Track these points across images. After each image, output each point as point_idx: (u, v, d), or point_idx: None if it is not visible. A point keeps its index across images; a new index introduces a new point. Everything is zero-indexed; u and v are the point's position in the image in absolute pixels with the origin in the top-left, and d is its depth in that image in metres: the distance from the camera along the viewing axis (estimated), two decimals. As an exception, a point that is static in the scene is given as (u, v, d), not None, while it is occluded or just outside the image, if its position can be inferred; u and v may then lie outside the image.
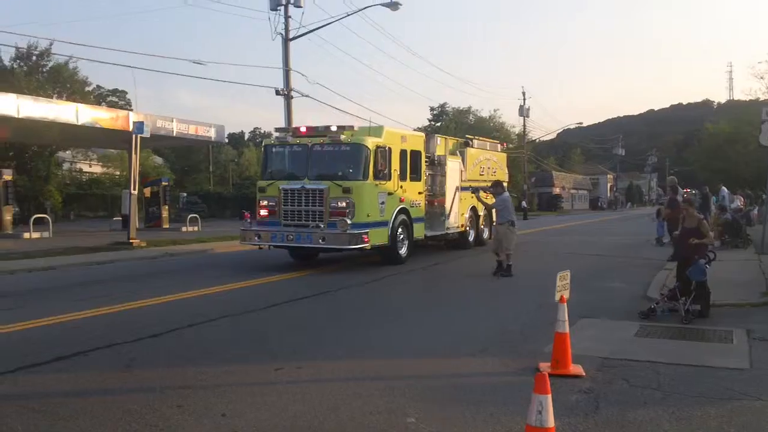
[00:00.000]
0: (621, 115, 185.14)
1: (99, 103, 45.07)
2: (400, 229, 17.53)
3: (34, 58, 42.87)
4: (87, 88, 47.57)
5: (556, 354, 7.18)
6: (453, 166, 21.12)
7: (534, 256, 21.72)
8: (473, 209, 22.36)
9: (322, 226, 16.04)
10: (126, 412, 5.99)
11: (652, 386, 6.82)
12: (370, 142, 16.49)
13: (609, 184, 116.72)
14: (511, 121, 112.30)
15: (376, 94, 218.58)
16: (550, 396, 4.38)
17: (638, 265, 17.87)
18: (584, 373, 7.10)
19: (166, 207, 35.74)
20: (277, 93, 29.32)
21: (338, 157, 16.79)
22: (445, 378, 7.31)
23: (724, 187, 27.87)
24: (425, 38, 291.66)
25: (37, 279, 15.46)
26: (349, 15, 30.45)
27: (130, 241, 22.87)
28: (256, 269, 16.49)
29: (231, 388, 6.75)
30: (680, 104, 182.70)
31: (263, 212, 17.12)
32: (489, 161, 24.47)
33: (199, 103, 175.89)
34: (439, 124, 74.59)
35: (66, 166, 49.80)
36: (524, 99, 69.75)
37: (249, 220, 17.57)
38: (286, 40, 29.40)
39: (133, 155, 23.87)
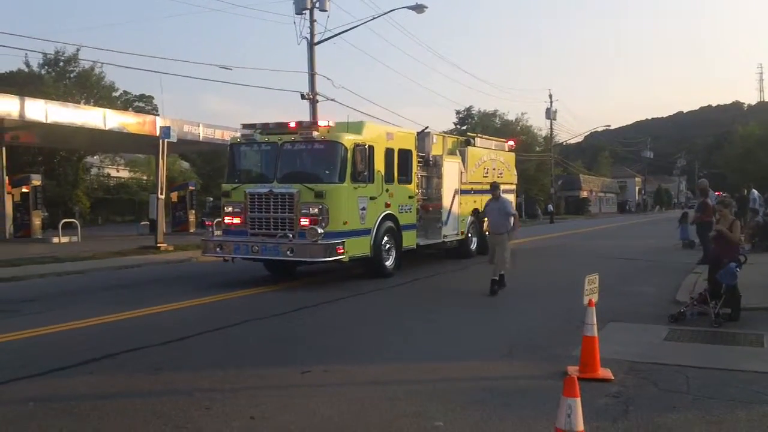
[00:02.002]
0: (649, 118, 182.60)
1: (126, 109, 45.44)
2: (385, 238, 15.71)
3: (61, 63, 43.46)
4: (114, 94, 48.11)
5: (584, 358, 7.13)
6: (451, 167, 19.37)
7: (561, 259, 21.64)
8: (475, 214, 20.39)
9: (291, 235, 14.19)
10: (155, 414, 6.04)
11: (681, 390, 6.75)
12: (347, 140, 14.63)
13: (637, 188, 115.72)
14: (538, 123, 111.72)
15: (402, 97, 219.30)
16: (579, 399, 4.33)
17: (667, 269, 17.66)
18: (613, 377, 7.04)
19: (193, 211, 36.04)
20: (303, 97, 29.31)
21: (311, 156, 15.09)
22: (472, 381, 7.26)
23: (754, 190, 27.46)
24: (452, 42, 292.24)
25: (66, 283, 15.64)
26: (374, 18, 30.30)
27: (158, 245, 23.10)
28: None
29: (259, 391, 6.78)
30: (709, 106, 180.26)
31: (228, 219, 15.32)
32: (494, 162, 22.44)
33: (226, 108, 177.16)
34: (465, 127, 74.30)
35: (94, 171, 50.18)
36: (551, 102, 69.38)
37: (211, 229, 16.03)
38: (312, 44, 29.43)
39: (160, 160, 24.13)
